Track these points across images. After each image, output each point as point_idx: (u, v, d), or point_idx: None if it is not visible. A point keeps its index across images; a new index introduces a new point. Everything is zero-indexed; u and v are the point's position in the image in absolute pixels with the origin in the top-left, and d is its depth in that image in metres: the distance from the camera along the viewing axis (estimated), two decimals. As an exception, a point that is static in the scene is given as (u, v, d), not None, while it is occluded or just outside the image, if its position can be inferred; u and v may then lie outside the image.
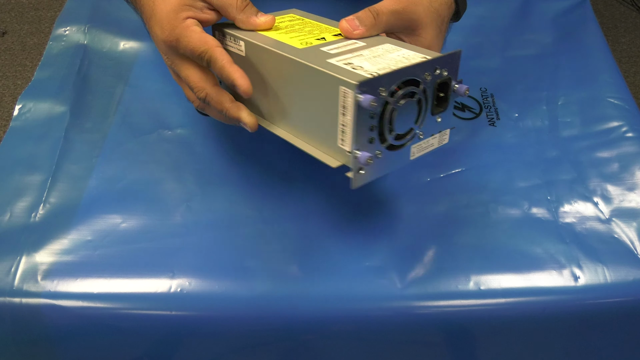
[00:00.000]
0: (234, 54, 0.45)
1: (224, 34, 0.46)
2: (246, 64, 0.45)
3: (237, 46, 0.45)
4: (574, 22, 0.70)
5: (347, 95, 0.37)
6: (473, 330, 0.48)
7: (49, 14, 1.76)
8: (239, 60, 0.44)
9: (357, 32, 0.43)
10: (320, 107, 0.40)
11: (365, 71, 0.38)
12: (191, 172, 0.54)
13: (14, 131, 0.56)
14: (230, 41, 0.46)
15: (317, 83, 0.39)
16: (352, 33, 0.44)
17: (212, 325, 0.46)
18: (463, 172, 0.55)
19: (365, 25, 0.43)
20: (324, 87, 0.38)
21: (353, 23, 0.43)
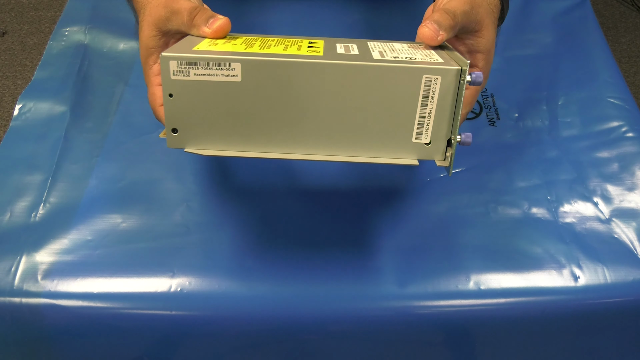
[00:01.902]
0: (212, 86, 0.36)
1: (192, 63, 0.36)
2: (243, 93, 0.37)
3: (225, 72, 0.36)
4: (574, 22, 0.70)
5: (436, 83, 0.37)
6: (473, 330, 0.48)
7: (49, 14, 1.76)
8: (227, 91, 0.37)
9: (440, 38, 0.40)
10: (382, 107, 0.38)
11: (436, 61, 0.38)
12: (191, 172, 0.54)
13: (14, 131, 0.56)
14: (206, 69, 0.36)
15: (382, 82, 0.37)
16: (435, 39, 0.40)
17: (212, 325, 0.46)
18: (463, 172, 0.55)
19: (445, 29, 0.40)
20: (394, 83, 0.37)
21: (434, 27, 0.40)
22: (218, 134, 0.38)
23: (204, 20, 0.42)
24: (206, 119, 0.37)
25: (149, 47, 0.43)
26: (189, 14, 0.41)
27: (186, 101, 0.37)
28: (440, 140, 0.39)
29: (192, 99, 0.37)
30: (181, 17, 0.41)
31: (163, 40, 0.43)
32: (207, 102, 0.37)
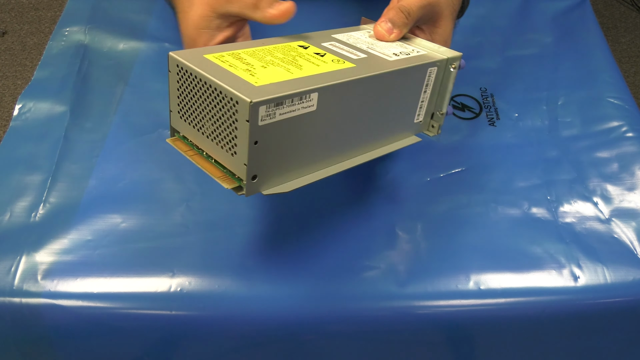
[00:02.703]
0: (292, 121, 0.35)
1: (279, 104, 0.34)
2: (316, 120, 0.37)
3: (304, 104, 0.36)
4: (574, 22, 0.70)
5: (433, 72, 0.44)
6: (473, 330, 0.48)
7: (49, 14, 1.76)
8: (303, 122, 0.36)
9: (393, 36, 0.43)
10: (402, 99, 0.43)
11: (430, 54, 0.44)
12: (191, 172, 0.54)
13: (14, 131, 0.56)
14: (290, 106, 0.35)
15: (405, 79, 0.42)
16: (388, 37, 0.43)
17: (212, 325, 0.46)
18: (463, 172, 0.55)
19: (398, 26, 0.43)
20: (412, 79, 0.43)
21: (388, 27, 0.43)
22: (292, 167, 0.38)
23: (269, 3, 0.41)
24: (283, 156, 0.37)
25: (200, 27, 0.42)
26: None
27: (269, 144, 0.35)
28: (427, 116, 0.47)
29: (274, 141, 0.35)
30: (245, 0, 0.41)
31: (216, 23, 0.42)
32: (286, 139, 0.36)
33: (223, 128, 0.35)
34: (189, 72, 0.36)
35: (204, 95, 0.35)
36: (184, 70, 0.36)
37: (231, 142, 0.35)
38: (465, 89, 0.63)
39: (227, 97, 0.33)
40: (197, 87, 0.36)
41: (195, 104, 0.36)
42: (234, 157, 0.35)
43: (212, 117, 0.35)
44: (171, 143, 0.40)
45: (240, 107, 0.33)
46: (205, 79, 0.35)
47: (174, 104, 0.39)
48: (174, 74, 0.37)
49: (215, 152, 0.37)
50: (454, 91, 0.62)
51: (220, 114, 0.34)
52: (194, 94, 0.36)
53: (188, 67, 0.36)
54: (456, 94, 0.62)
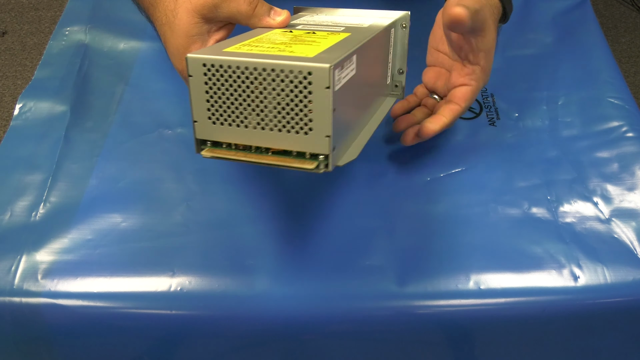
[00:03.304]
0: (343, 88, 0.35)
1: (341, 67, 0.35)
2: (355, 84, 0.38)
3: (351, 67, 0.37)
4: (574, 22, 0.70)
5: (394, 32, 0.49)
6: (473, 330, 0.48)
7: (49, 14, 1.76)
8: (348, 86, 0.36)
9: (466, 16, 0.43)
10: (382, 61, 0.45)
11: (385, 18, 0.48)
12: (191, 172, 0.54)
13: (15, 130, 0.56)
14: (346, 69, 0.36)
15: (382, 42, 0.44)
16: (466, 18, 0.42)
17: (212, 325, 0.46)
18: (463, 171, 0.55)
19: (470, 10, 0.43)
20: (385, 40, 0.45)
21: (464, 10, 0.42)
22: (345, 134, 0.38)
23: (266, 11, 0.42)
24: (341, 122, 0.36)
25: (190, 34, 0.41)
26: (248, 4, 0.41)
27: (338, 111, 0.35)
28: (391, 77, 0.51)
29: (338, 108, 0.35)
30: (237, 6, 0.41)
31: (206, 28, 0.42)
32: (342, 105, 0.36)
33: (289, 109, 0.34)
34: (226, 67, 0.34)
35: (255, 83, 0.34)
36: (217, 68, 0.34)
37: (303, 119, 0.34)
38: (466, 89, 0.63)
39: (293, 74, 0.33)
40: (241, 79, 0.34)
41: (239, 100, 0.35)
42: (309, 135, 0.34)
43: (269, 104, 0.34)
44: (208, 155, 0.36)
45: (317, 77, 0.32)
46: (255, 65, 0.33)
47: (201, 111, 0.36)
48: (198, 78, 0.35)
49: (275, 140, 0.35)
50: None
51: (283, 95, 0.34)
52: (235, 88, 0.34)
53: (224, 61, 0.34)
54: (456, 94, 0.62)
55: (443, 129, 0.47)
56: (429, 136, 0.49)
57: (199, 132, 0.36)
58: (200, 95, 0.35)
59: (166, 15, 0.43)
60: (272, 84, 0.33)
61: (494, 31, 0.45)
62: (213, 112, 0.35)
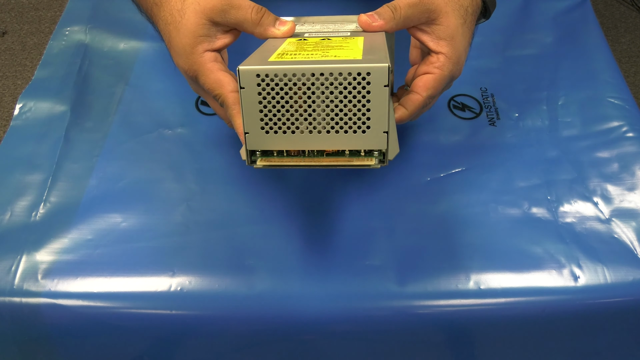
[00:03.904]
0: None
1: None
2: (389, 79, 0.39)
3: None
4: (574, 22, 0.70)
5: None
6: (473, 330, 0.48)
7: (49, 14, 1.76)
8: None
9: (376, 24, 0.43)
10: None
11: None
12: (191, 171, 0.54)
13: (15, 130, 0.56)
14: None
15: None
16: (371, 25, 0.43)
17: (212, 325, 0.46)
18: (463, 171, 0.55)
19: (384, 18, 0.43)
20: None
21: (372, 17, 0.44)
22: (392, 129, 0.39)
23: (272, 21, 0.43)
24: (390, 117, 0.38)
25: (198, 34, 0.42)
26: (256, 12, 0.42)
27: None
28: None
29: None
30: (245, 14, 0.42)
31: (214, 30, 0.43)
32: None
33: (347, 110, 0.35)
34: (281, 76, 0.34)
35: (312, 88, 0.35)
36: (271, 77, 0.34)
37: (361, 118, 0.35)
38: (466, 89, 0.63)
39: (352, 75, 0.34)
40: (298, 85, 0.35)
41: (294, 106, 0.35)
42: (366, 133, 0.36)
43: (326, 107, 0.35)
44: (262, 165, 0.37)
45: (375, 76, 0.34)
46: (312, 71, 0.34)
47: (254, 121, 0.36)
48: (251, 89, 0.35)
49: (329, 142, 0.36)
50: (455, 91, 0.62)
51: (341, 97, 0.35)
52: (291, 95, 0.35)
53: (280, 70, 0.34)
54: (456, 94, 0.62)
55: (404, 121, 0.46)
56: None
57: (250, 143, 0.37)
58: (253, 106, 0.35)
59: (172, 14, 0.43)
60: (330, 87, 0.35)
61: (453, 18, 0.45)
62: (266, 122, 0.36)
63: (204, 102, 0.60)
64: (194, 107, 0.60)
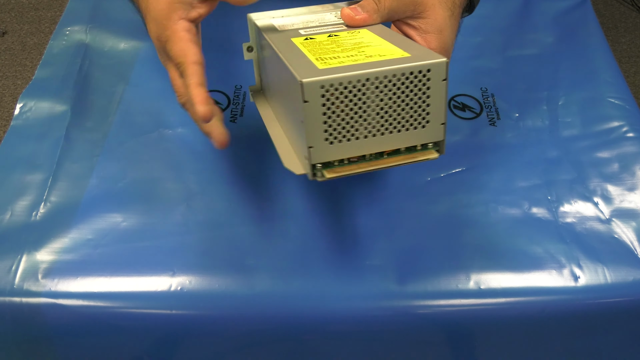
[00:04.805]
0: None
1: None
2: None
3: None
4: (574, 22, 0.70)
5: None
6: (473, 330, 0.48)
7: (49, 14, 1.76)
8: None
9: (359, 17, 0.43)
10: None
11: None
12: (191, 171, 0.54)
13: (15, 130, 0.56)
14: None
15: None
16: (354, 18, 0.43)
17: (213, 324, 0.46)
18: (463, 171, 0.55)
19: (367, 11, 0.43)
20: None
21: (355, 10, 0.43)
22: None
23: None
24: None
25: (174, 1, 0.41)
26: None
27: None
28: None
29: None
30: None
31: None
32: None
33: (408, 108, 0.35)
34: (346, 83, 0.34)
35: (375, 92, 0.34)
36: (335, 86, 0.33)
37: (421, 114, 0.36)
38: (466, 89, 0.63)
39: (413, 74, 0.34)
40: (362, 91, 0.34)
41: (358, 113, 0.35)
42: (426, 127, 0.36)
43: (389, 108, 0.35)
44: (329, 178, 0.36)
45: (435, 72, 0.35)
46: (376, 75, 0.34)
47: (317, 134, 0.35)
48: (315, 102, 0.33)
49: (389, 142, 0.36)
50: (455, 91, 0.62)
51: (403, 97, 0.35)
52: (355, 102, 0.34)
53: (344, 78, 0.33)
54: (457, 94, 0.62)
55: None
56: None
57: (315, 156, 0.35)
58: (317, 119, 0.34)
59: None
60: (393, 89, 0.35)
61: (440, 11, 0.44)
62: (330, 132, 0.35)
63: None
64: (194, 107, 0.60)
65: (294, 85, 0.34)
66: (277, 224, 0.50)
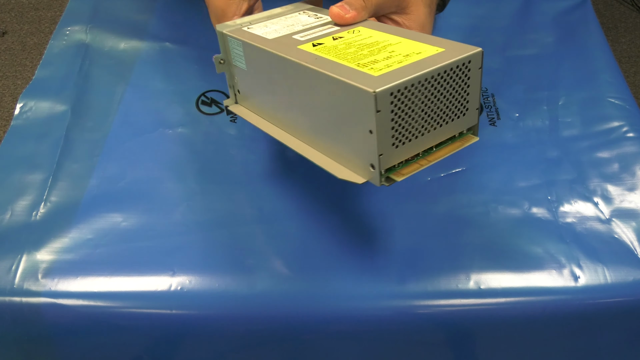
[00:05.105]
0: None
1: None
2: None
3: None
4: (574, 22, 0.70)
5: None
6: (473, 330, 0.48)
7: (49, 14, 1.76)
8: None
9: (349, 16, 0.43)
10: None
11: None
12: (192, 171, 0.54)
13: (15, 130, 0.56)
14: None
15: None
16: (343, 17, 0.43)
17: (213, 324, 0.46)
18: (463, 171, 0.55)
19: (355, 8, 0.43)
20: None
21: (343, 8, 0.43)
22: None
23: None
24: None
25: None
26: None
27: None
28: None
29: None
30: None
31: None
32: None
33: (454, 99, 0.37)
34: (409, 86, 0.34)
35: (432, 90, 0.35)
36: (402, 91, 0.34)
37: (463, 103, 0.38)
38: (466, 89, 0.63)
39: (458, 67, 0.36)
40: (422, 91, 0.35)
41: (419, 113, 0.35)
42: (465, 115, 0.38)
43: (441, 103, 0.36)
44: (399, 179, 0.36)
45: (474, 62, 0.37)
46: (432, 73, 0.35)
47: (387, 141, 0.35)
48: (385, 109, 0.34)
49: (439, 135, 0.38)
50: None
51: (451, 90, 0.37)
52: (417, 103, 0.35)
53: (409, 81, 0.34)
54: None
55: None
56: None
57: (385, 162, 0.35)
58: (386, 126, 0.34)
59: None
60: (443, 83, 0.36)
61: (422, 8, 0.45)
62: (397, 137, 0.35)
63: (204, 102, 0.60)
64: (194, 107, 0.60)
65: (353, 97, 0.34)
66: (277, 224, 0.50)
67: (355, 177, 0.37)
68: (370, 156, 0.35)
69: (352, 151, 0.37)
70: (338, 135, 0.38)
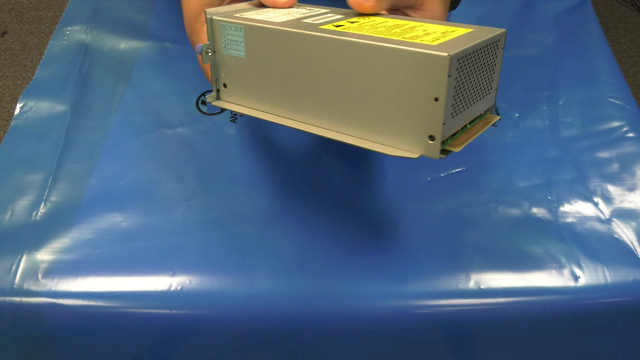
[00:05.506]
0: None
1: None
2: None
3: None
4: (574, 22, 0.70)
5: None
6: (473, 330, 0.48)
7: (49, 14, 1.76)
8: None
9: (369, 5, 0.42)
10: None
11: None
12: (192, 171, 0.54)
13: (15, 130, 0.56)
14: None
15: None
16: (363, 5, 0.42)
17: (213, 324, 0.46)
18: (463, 171, 0.55)
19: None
20: None
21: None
22: None
23: None
24: None
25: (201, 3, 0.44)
26: None
27: None
28: None
29: None
30: None
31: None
32: None
33: (487, 75, 0.38)
34: (469, 53, 0.34)
35: (478, 62, 0.36)
36: (465, 57, 0.34)
37: (489, 81, 0.39)
38: (466, 89, 0.63)
39: (494, 42, 0.37)
40: (473, 62, 0.35)
41: (469, 83, 0.36)
42: (489, 94, 0.39)
43: (482, 76, 0.37)
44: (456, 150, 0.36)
45: (502, 39, 0.38)
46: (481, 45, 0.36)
47: (448, 107, 0.34)
48: (453, 75, 0.34)
49: (475, 110, 0.38)
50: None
51: (487, 65, 0.38)
52: (471, 72, 0.36)
53: (469, 48, 0.34)
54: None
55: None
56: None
57: (445, 132, 0.35)
58: (450, 94, 0.34)
59: None
60: (484, 59, 0.37)
61: (437, 4, 0.45)
62: (455, 106, 0.35)
63: (204, 102, 0.60)
64: (194, 107, 0.60)
65: (419, 66, 0.34)
66: (277, 224, 0.50)
67: (407, 153, 0.36)
68: (432, 126, 0.34)
69: (405, 125, 0.36)
70: (386, 111, 0.36)
